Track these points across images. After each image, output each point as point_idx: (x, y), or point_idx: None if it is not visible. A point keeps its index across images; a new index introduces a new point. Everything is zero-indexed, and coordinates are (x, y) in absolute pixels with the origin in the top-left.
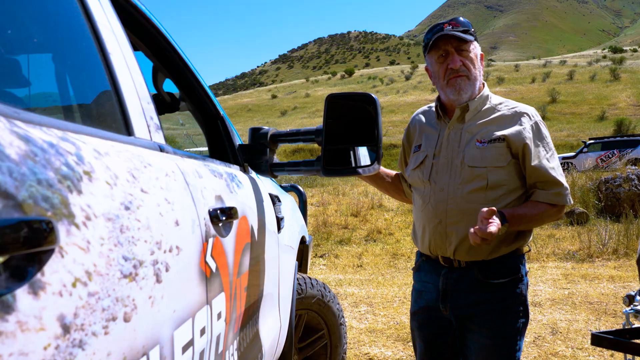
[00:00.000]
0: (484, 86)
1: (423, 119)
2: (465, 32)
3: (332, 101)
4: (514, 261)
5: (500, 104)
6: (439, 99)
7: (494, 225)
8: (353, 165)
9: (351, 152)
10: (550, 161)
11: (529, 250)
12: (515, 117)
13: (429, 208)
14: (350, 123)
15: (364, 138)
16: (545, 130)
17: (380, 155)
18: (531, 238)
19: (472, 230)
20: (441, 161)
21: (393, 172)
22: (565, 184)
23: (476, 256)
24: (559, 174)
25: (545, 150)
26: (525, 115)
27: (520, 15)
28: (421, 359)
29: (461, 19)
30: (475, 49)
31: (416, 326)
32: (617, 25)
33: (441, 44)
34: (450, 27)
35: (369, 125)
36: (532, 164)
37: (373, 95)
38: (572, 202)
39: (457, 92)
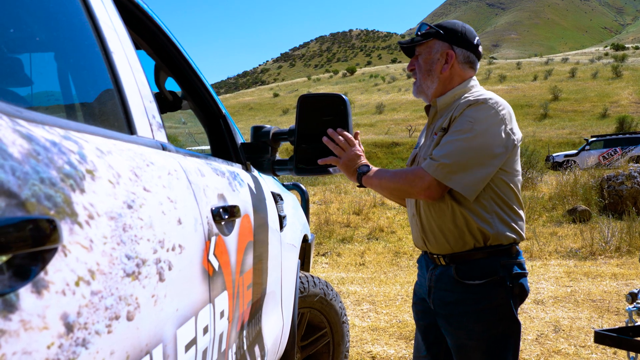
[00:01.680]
0: (457, 83)
1: None
2: (424, 35)
3: (305, 102)
4: (492, 262)
5: (468, 96)
6: None
7: (334, 162)
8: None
9: None
10: (450, 135)
11: (518, 252)
12: (462, 105)
13: (410, 203)
14: (325, 123)
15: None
16: (473, 112)
17: None
18: (512, 234)
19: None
20: (420, 158)
21: None
22: (441, 159)
23: (443, 249)
24: (440, 148)
25: (455, 127)
26: (464, 99)
27: (522, 12)
28: (416, 349)
29: (425, 23)
30: (431, 50)
31: (415, 317)
32: (619, 22)
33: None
34: (415, 35)
35: (342, 125)
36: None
37: (343, 95)
38: (434, 175)
39: (413, 91)
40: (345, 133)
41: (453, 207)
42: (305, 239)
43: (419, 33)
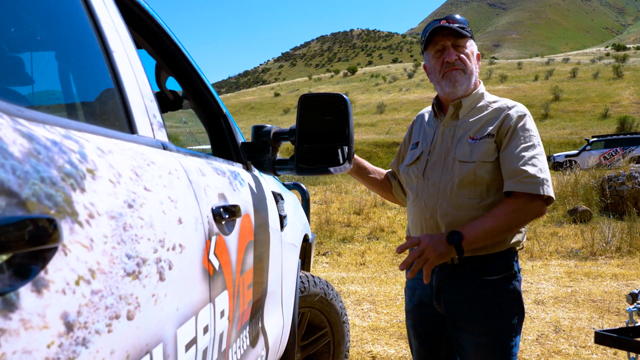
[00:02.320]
0: (479, 84)
1: (426, 117)
2: (462, 29)
3: (306, 101)
4: (507, 258)
5: (494, 102)
6: (437, 97)
7: (428, 265)
8: (335, 163)
9: (339, 150)
10: (526, 151)
11: (522, 247)
12: (504, 113)
13: (421, 203)
14: (326, 123)
15: (339, 137)
16: (530, 125)
17: (351, 154)
18: (524, 236)
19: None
20: (434, 157)
21: (383, 171)
22: (540, 175)
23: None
24: (530, 164)
25: (524, 141)
26: (513, 110)
27: (523, 12)
28: (416, 357)
29: (457, 16)
30: (472, 47)
31: (411, 324)
32: (620, 22)
33: (438, 39)
34: (447, 23)
35: (342, 125)
36: (505, 151)
37: (344, 95)
38: (548, 193)
39: (452, 84)
40: (408, 242)
41: None
42: (305, 239)
43: (456, 25)
